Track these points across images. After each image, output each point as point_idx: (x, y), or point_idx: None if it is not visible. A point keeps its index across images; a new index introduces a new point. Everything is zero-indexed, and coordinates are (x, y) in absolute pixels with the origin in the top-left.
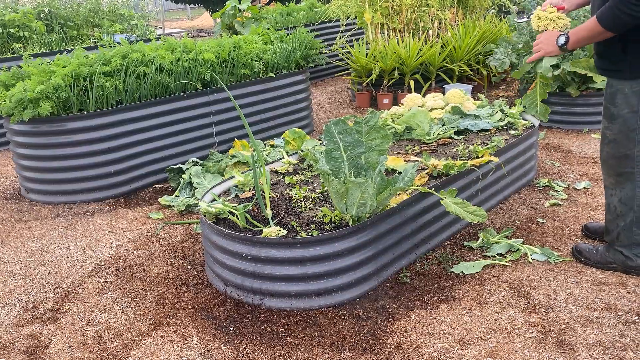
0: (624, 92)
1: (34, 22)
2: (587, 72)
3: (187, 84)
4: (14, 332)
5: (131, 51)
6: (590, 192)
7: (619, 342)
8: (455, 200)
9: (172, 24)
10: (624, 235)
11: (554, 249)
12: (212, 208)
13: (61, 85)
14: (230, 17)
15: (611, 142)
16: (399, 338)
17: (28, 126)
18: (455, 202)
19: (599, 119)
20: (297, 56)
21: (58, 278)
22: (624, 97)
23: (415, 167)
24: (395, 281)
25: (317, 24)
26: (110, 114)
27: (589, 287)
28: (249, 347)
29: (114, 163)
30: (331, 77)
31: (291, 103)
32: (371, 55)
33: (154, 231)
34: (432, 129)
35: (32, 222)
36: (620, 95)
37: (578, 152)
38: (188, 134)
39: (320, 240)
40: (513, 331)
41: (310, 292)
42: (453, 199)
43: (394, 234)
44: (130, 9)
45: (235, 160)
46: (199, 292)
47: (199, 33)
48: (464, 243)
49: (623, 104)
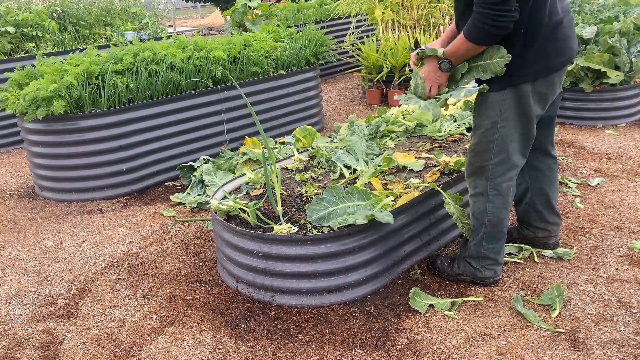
0: (486, 103)
1: (47, 21)
2: (601, 67)
3: (198, 82)
4: (29, 328)
5: (142, 49)
6: (604, 189)
7: (633, 340)
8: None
9: (183, 22)
10: (474, 249)
11: (568, 246)
12: (224, 205)
13: (74, 84)
14: (240, 15)
15: (472, 151)
16: (411, 335)
17: (41, 124)
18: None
19: (613, 115)
20: (307, 53)
21: (71, 275)
22: (486, 108)
23: None
24: (406, 278)
25: (327, 21)
26: (122, 112)
27: (603, 285)
28: (261, 344)
29: (126, 161)
30: (341, 74)
31: (301, 100)
32: (382, 52)
33: (166, 228)
34: (443, 125)
35: (46, 219)
36: (483, 105)
37: (591, 148)
38: (199, 132)
39: (330, 237)
40: (525, 328)
41: (321, 289)
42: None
43: (405, 230)
44: (142, 7)
45: (246, 157)
46: (211, 289)
47: (210, 31)
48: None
49: (485, 115)
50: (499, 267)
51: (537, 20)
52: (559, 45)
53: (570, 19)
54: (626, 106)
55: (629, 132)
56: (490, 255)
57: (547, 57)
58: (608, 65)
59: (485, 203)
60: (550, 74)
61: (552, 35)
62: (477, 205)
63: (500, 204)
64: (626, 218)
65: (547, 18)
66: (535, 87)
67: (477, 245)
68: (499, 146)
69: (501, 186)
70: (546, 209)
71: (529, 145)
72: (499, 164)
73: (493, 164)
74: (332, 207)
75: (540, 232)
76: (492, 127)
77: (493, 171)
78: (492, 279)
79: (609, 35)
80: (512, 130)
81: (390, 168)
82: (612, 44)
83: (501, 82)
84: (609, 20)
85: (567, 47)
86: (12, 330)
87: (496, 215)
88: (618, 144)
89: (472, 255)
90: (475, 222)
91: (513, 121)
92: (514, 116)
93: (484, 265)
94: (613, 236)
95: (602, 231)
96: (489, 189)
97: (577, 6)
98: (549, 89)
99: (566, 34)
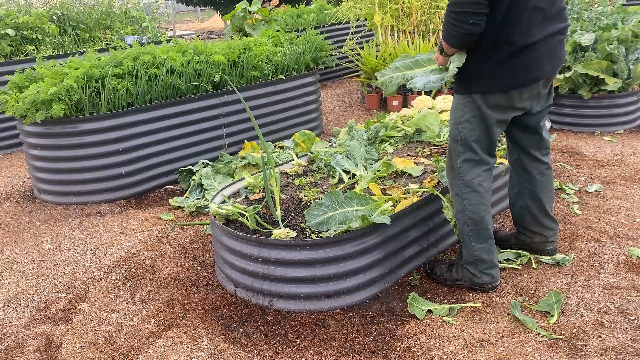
0: (454, 105)
1: (47, 24)
2: (599, 74)
3: (197, 86)
4: (27, 332)
5: (142, 53)
6: (602, 195)
7: (631, 347)
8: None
9: (183, 26)
10: (466, 253)
11: (565, 252)
12: (222, 209)
13: (73, 87)
14: (240, 20)
15: (447, 151)
16: (409, 341)
17: (41, 127)
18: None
19: (611, 122)
20: (306, 58)
21: (70, 278)
22: (453, 110)
23: None
24: (404, 284)
25: (326, 26)
26: (121, 115)
27: (601, 291)
28: (259, 349)
29: (125, 164)
30: (341, 79)
31: (301, 105)
32: (381, 57)
33: (165, 232)
34: (442, 131)
35: (45, 222)
36: (452, 107)
37: (589, 154)
38: (198, 136)
39: (329, 242)
40: (523, 335)
41: (319, 294)
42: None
43: (404, 236)
44: (142, 11)
45: (245, 162)
46: (209, 293)
47: (209, 35)
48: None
49: (452, 116)
50: (496, 271)
51: (504, 40)
52: (524, 64)
53: (553, 41)
54: (624, 113)
55: (627, 139)
56: (483, 256)
57: (507, 74)
58: (606, 72)
59: (462, 202)
60: (509, 90)
61: (518, 55)
62: (456, 207)
63: (476, 200)
64: (624, 225)
65: (515, 38)
66: (490, 98)
67: (467, 247)
68: (463, 145)
69: (472, 182)
70: (540, 213)
71: (493, 146)
72: (466, 162)
73: (460, 162)
74: (331, 212)
75: (536, 237)
76: (455, 127)
77: (461, 169)
78: (490, 284)
79: (607, 43)
80: (472, 131)
81: (389, 173)
82: (610, 51)
83: (463, 87)
84: (607, 27)
85: (536, 66)
86: (9, 334)
87: (475, 212)
88: (616, 151)
89: (467, 261)
90: (459, 225)
91: (473, 123)
92: (473, 119)
93: (481, 270)
94: (611, 243)
95: (600, 238)
96: (462, 187)
97: (576, 13)
98: (508, 103)
99: (536, 55)
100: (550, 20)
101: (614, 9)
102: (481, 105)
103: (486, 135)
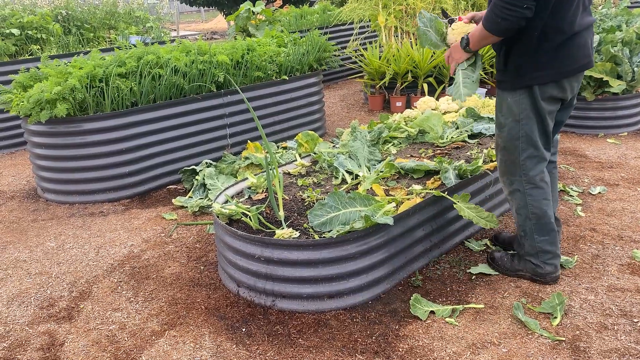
0: (507, 102)
1: (51, 24)
2: (603, 76)
3: (201, 86)
4: (30, 330)
5: (146, 53)
6: (606, 197)
7: (634, 349)
8: (468, 205)
9: (187, 26)
10: (528, 245)
11: (569, 254)
12: (226, 209)
13: (77, 87)
14: (244, 20)
15: (502, 149)
16: (411, 342)
17: (45, 127)
18: (469, 206)
19: (614, 124)
20: (310, 59)
21: (73, 277)
22: (507, 107)
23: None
24: (407, 284)
25: (330, 27)
26: (125, 115)
27: (604, 293)
28: (261, 349)
29: (129, 164)
30: (344, 80)
31: (304, 105)
32: (384, 58)
33: (168, 232)
34: (445, 132)
35: (48, 221)
36: (505, 104)
37: (593, 156)
38: (202, 136)
39: (332, 242)
40: (526, 336)
41: (322, 294)
42: (466, 203)
43: (407, 237)
44: (146, 11)
45: (248, 162)
46: (212, 293)
47: (213, 35)
48: (475, 247)
49: (508, 113)
50: (558, 261)
51: (553, 28)
52: (573, 52)
53: (588, 33)
54: (628, 115)
55: (631, 141)
56: (547, 247)
57: (558, 63)
58: (610, 74)
59: (524, 198)
60: (561, 79)
61: (567, 43)
62: (517, 202)
63: (539, 195)
64: (627, 227)
65: (564, 27)
66: (545, 90)
67: (529, 240)
68: (525, 142)
69: (535, 179)
70: None
71: (550, 139)
72: (529, 158)
73: (523, 159)
74: (334, 212)
75: None
76: (516, 124)
77: (524, 166)
78: (552, 274)
79: (611, 45)
80: (533, 126)
81: (392, 174)
82: (614, 53)
83: (515, 83)
84: (612, 29)
85: (582, 55)
86: (13, 332)
87: (537, 207)
88: (620, 153)
89: (529, 252)
90: (519, 219)
91: (532, 118)
92: (531, 114)
93: (544, 260)
94: (614, 245)
95: (603, 240)
96: (524, 184)
97: None
98: (560, 92)
99: (582, 43)
100: (587, 13)
101: (618, 11)
102: (537, 98)
103: (544, 129)
